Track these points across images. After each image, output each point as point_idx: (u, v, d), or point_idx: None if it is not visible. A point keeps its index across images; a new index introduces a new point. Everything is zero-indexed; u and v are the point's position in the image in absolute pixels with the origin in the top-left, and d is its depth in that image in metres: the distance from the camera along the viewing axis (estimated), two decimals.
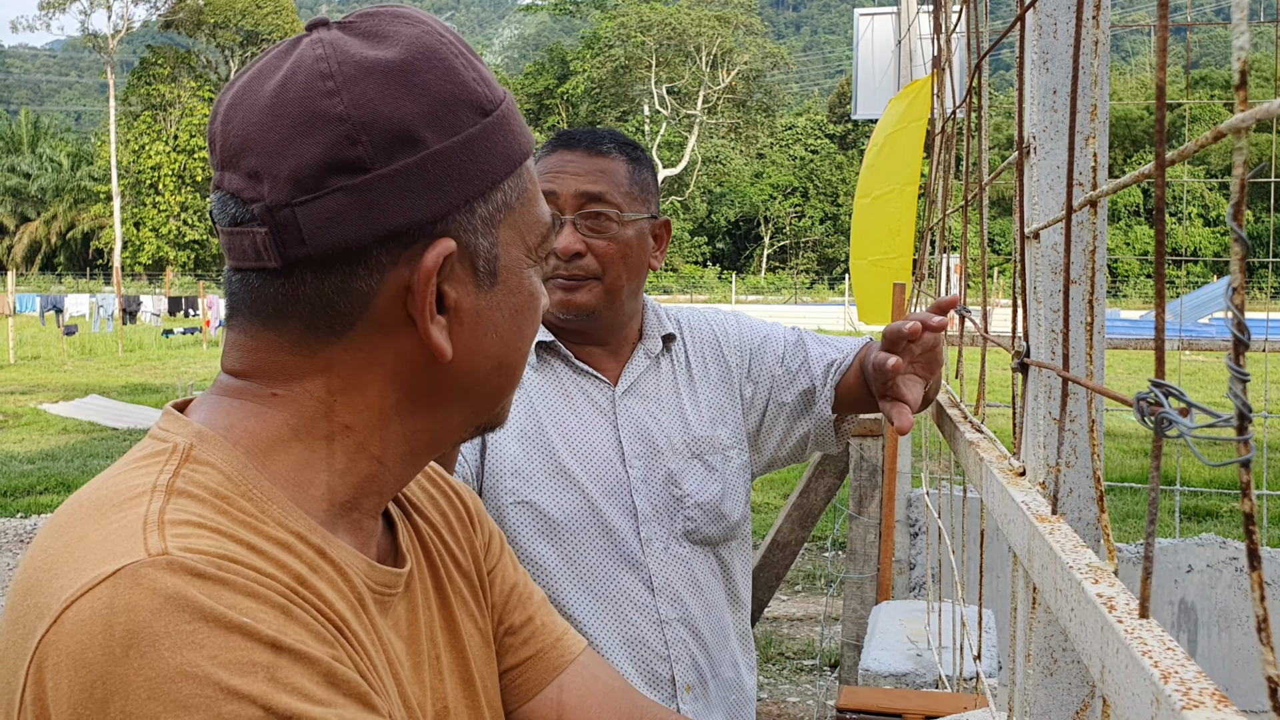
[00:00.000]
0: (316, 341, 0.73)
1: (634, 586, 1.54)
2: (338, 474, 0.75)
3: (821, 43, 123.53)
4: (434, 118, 0.72)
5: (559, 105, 55.97)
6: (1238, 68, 0.42)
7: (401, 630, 0.81)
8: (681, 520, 1.59)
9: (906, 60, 4.83)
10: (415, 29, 0.74)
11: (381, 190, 0.70)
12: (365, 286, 0.72)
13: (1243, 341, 0.43)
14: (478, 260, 0.75)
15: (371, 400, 0.75)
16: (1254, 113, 0.41)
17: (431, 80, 0.72)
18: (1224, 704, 0.49)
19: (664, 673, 1.54)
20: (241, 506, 0.69)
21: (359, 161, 0.70)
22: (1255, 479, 7.12)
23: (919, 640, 2.79)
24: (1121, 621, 0.60)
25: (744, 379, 1.71)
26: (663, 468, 1.59)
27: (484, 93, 0.75)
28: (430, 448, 0.81)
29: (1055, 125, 1.00)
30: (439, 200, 0.72)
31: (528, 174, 0.79)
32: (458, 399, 0.79)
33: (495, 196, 0.75)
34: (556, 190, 1.53)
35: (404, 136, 0.71)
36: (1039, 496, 0.94)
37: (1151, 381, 0.51)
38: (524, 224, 0.78)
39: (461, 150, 0.73)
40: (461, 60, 0.75)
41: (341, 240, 0.70)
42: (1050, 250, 0.99)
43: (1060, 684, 1.03)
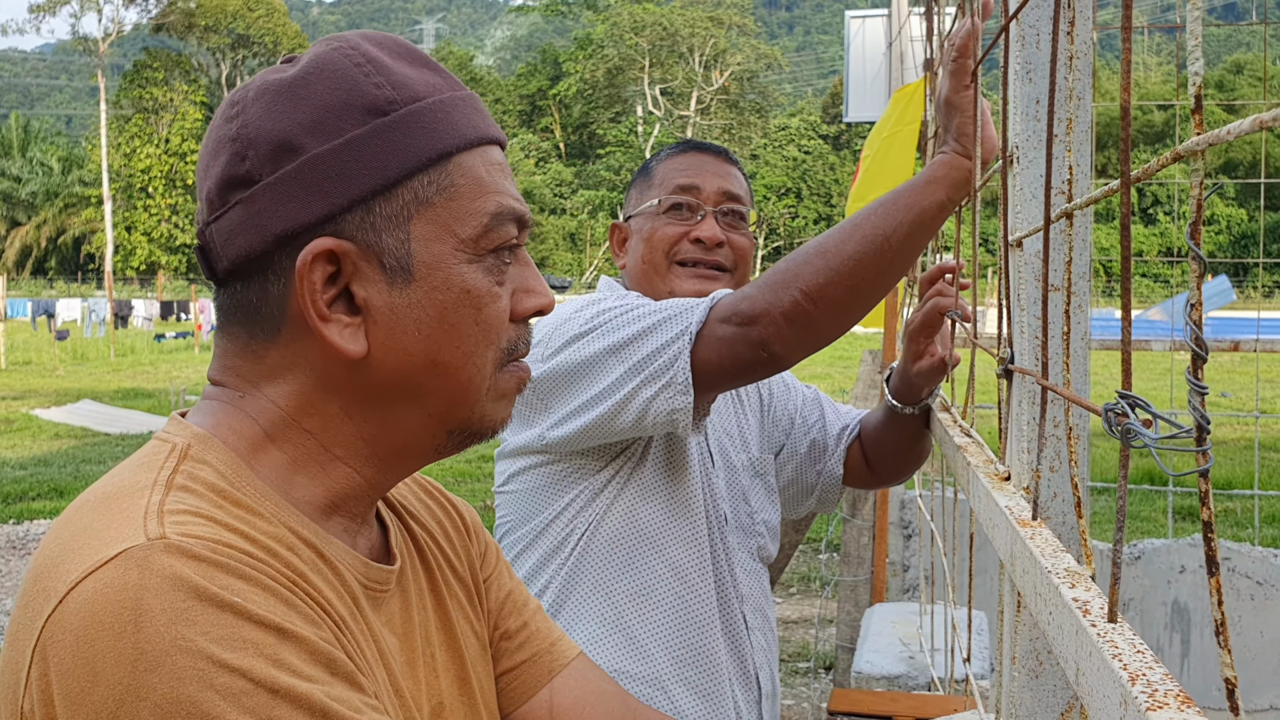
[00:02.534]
0: (260, 346, 0.78)
1: (726, 596, 1.53)
2: (311, 478, 0.79)
3: (814, 43, 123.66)
4: (315, 125, 0.75)
5: (551, 106, 55.99)
6: (1192, 92, 0.44)
7: (395, 627, 0.83)
8: (755, 536, 1.61)
9: (898, 63, 4.85)
10: (327, 47, 0.79)
11: (266, 199, 0.75)
12: (277, 291, 0.76)
13: (1200, 356, 0.44)
14: (385, 258, 0.76)
15: (318, 404, 0.79)
16: (1207, 137, 0.42)
17: (319, 90, 0.76)
18: (1187, 704, 0.50)
19: (752, 673, 1.55)
20: (238, 500, 0.72)
21: (248, 175, 0.75)
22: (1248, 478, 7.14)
23: (912, 643, 2.81)
24: (1094, 625, 0.62)
25: (768, 416, 1.73)
26: (738, 483, 1.61)
27: (384, 94, 0.77)
28: (399, 453, 0.82)
29: (1038, 135, 1.02)
30: (321, 202, 0.74)
31: (460, 168, 0.79)
32: (402, 400, 0.80)
33: (401, 193, 0.76)
34: (699, 184, 1.58)
35: (284, 146, 0.75)
36: (1022, 501, 0.95)
37: (1118, 393, 0.53)
38: (452, 218, 0.78)
39: (343, 152, 0.75)
40: (365, 68, 0.77)
41: (244, 250, 0.75)
42: (1033, 258, 1.01)
43: (1045, 686, 1.05)
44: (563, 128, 55.33)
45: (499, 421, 0.85)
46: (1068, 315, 0.77)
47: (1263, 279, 12.62)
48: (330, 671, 0.66)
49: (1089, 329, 0.99)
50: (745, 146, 52.95)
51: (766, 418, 1.72)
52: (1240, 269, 31.01)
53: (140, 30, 53.59)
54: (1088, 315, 0.97)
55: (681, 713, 1.47)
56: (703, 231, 1.55)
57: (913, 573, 4.38)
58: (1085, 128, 0.93)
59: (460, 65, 61.35)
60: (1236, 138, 0.41)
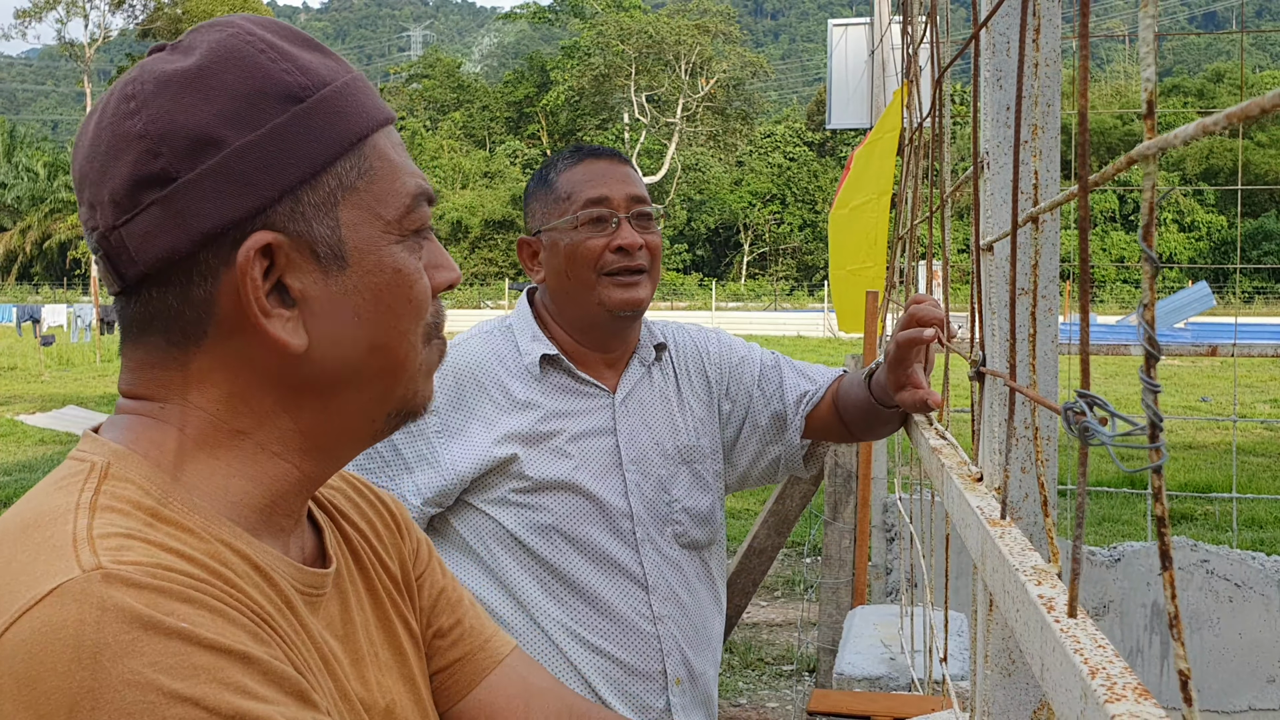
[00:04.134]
0: (181, 353, 0.75)
1: (628, 584, 1.62)
2: (248, 479, 0.77)
3: (800, 51, 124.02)
4: (234, 116, 0.72)
5: (539, 114, 55.97)
6: (1145, 98, 0.45)
7: (336, 629, 0.83)
8: (672, 524, 1.67)
9: (880, 71, 4.88)
10: (220, 34, 0.76)
11: (190, 196, 0.71)
12: (203, 293, 0.73)
13: (1153, 355, 0.46)
14: (317, 247, 0.75)
15: (252, 402, 0.77)
16: (1157, 142, 0.44)
17: (230, 80, 0.73)
18: (1144, 697, 0.51)
19: (656, 666, 1.62)
20: (166, 517, 0.70)
21: (164, 173, 0.71)
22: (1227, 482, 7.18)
23: (893, 644, 2.82)
24: (1058, 621, 0.63)
25: (722, 395, 1.78)
26: (655, 473, 1.67)
27: (296, 80, 0.75)
28: (338, 442, 0.82)
29: (1009, 141, 1.03)
30: (251, 195, 0.72)
31: (375, 150, 0.79)
32: (343, 388, 0.79)
33: (326, 180, 0.75)
34: (609, 195, 1.63)
35: (203, 140, 0.72)
36: (994, 501, 0.96)
37: (1077, 392, 0.54)
38: (376, 201, 0.78)
39: (268, 142, 0.73)
40: (270, 54, 0.75)
41: (165, 252, 0.72)
42: (1003, 262, 1.02)
43: (1018, 684, 1.06)
44: (550, 135, 55.31)
45: (426, 398, 0.85)
46: (1034, 318, 0.78)
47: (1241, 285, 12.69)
48: (284, 691, 0.65)
49: (1058, 332, 1.00)
50: (731, 153, 53.04)
51: (715, 400, 1.77)
52: (1220, 275, 31.21)
53: (127, 36, 53.35)
54: (1056, 318, 0.98)
55: None
56: (623, 240, 1.61)
57: (895, 575, 4.40)
58: (1053, 134, 0.94)
59: (448, 73, 61.34)
60: (1184, 142, 0.43)
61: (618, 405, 1.68)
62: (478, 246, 48.47)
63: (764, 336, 27.67)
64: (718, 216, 51.54)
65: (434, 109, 60.07)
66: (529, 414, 1.62)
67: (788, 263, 51.29)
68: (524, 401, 1.63)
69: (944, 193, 1.39)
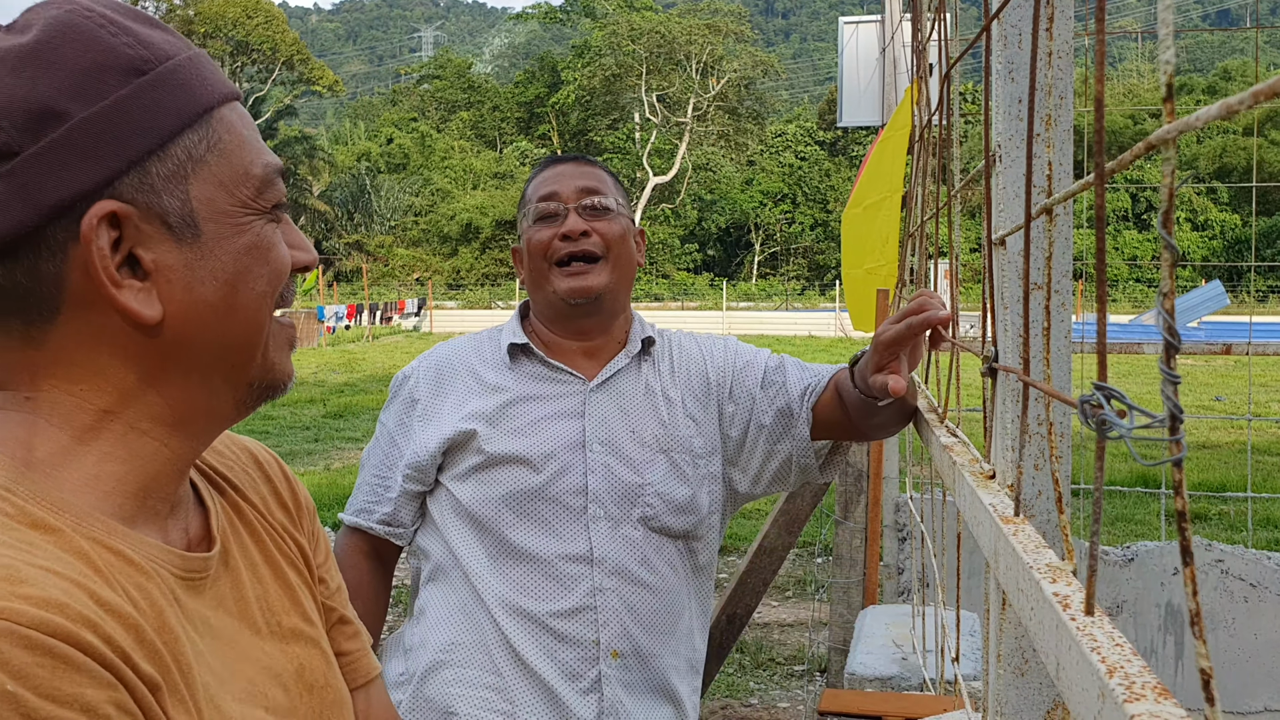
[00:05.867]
0: (37, 333, 0.74)
1: (570, 557, 1.66)
2: (119, 462, 0.76)
3: (810, 50, 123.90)
4: (75, 88, 0.72)
5: (550, 113, 56.01)
6: (1164, 81, 0.44)
7: (229, 607, 0.83)
8: (641, 506, 1.70)
9: (890, 68, 4.86)
10: (57, 10, 0.75)
11: (33, 169, 0.71)
12: (52, 269, 0.72)
13: (1173, 345, 0.44)
14: (169, 218, 0.75)
15: (114, 380, 0.76)
16: (1177, 125, 0.42)
17: (69, 54, 0.73)
18: (1164, 697, 0.50)
19: (588, 635, 1.65)
20: (39, 520, 0.69)
21: (5, 148, 0.71)
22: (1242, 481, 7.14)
23: (905, 644, 2.81)
24: (1074, 619, 0.62)
25: (725, 397, 1.81)
26: (625, 455, 1.71)
27: (138, 54, 0.75)
28: (204, 416, 0.82)
29: (1021, 134, 1.02)
30: (97, 166, 0.72)
31: (222, 124, 0.79)
32: (204, 358, 0.79)
33: (174, 152, 0.76)
34: (558, 190, 1.73)
35: (45, 113, 0.71)
36: (1006, 499, 0.95)
37: (1094, 384, 0.53)
38: (226, 175, 0.79)
39: (112, 114, 0.73)
40: (110, 29, 0.75)
41: (11, 228, 0.71)
42: (1015, 256, 1.01)
43: (1031, 684, 1.05)
44: (560, 135, 55.35)
45: (287, 373, 0.87)
46: (1048, 311, 0.77)
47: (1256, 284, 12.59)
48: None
49: (1071, 327, 0.99)
50: (742, 153, 52.99)
51: (715, 402, 1.80)
52: (1234, 274, 31.07)
53: None
54: (1069, 313, 0.97)
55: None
56: (565, 227, 1.71)
57: (907, 575, 4.38)
58: (1066, 125, 0.93)
59: (458, 73, 61.44)
60: (1205, 123, 0.42)
61: (590, 391, 1.74)
62: (489, 247, 48.50)
63: (775, 336, 27.64)
64: (729, 216, 51.48)
65: (444, 109, 60.17)
66: (496, 396, 1.73)
67: (799, 262, 51.21)
68: (494, 385, 1.74)
69: (953, 189, 1.37)
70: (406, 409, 1.79)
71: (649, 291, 44.68)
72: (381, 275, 46.94)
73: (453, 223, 48.69)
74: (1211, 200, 43.10)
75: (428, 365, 1.81)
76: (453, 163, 53.03)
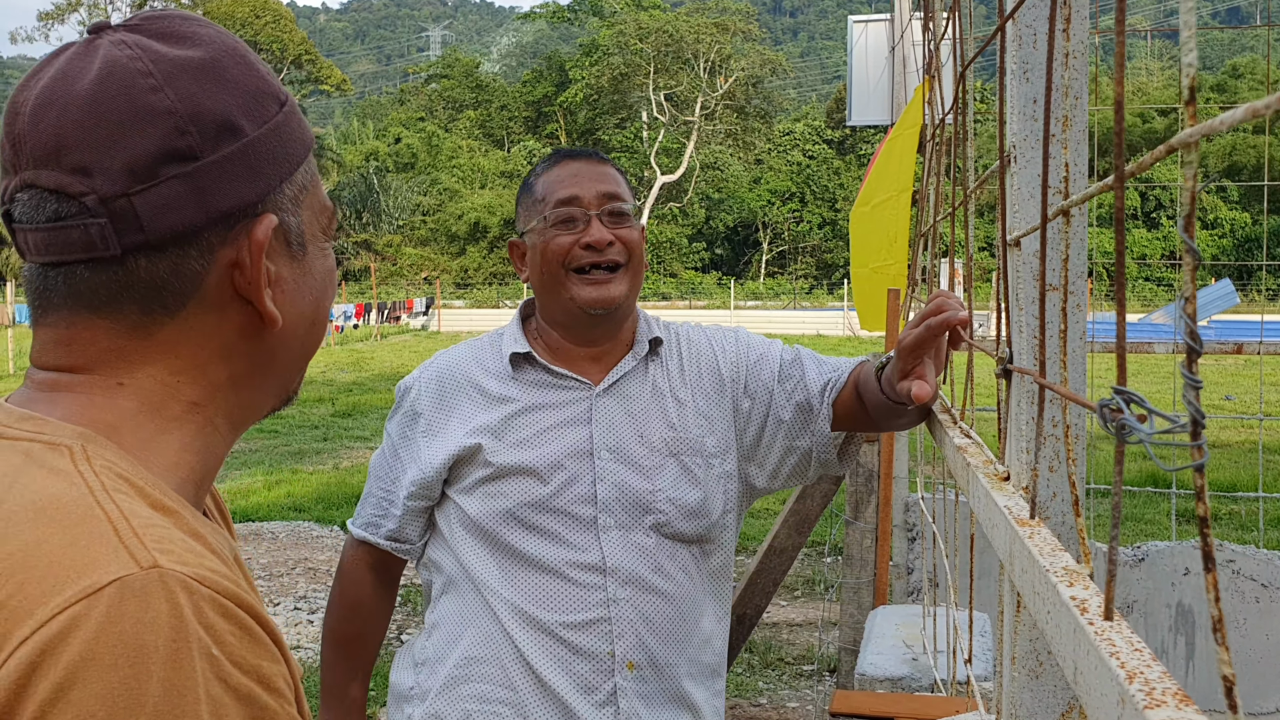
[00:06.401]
0: (153, 324, 0.78)
1: (583, 567, 1.63)
2: (194, 453, 0.81)
3: (819, 48, 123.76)
4: (248, 108, 0.79)
5: (557, 112, 56.00)
6: (1186, 84, 0.43)
7: None
8: (653, 513, 1.67)
9: (900, 67, 4.85)
10: (210, 30, 0.81)
11: (211, 176, 0.77)
12: (197, 267, 0.78)
13: (1195, 350, 0.44)
14: (290, 234, 0.83)
15: (210, 376, 0.81)
16: (1200, 128, 0.42)
17: (239, 75, 0.80)
18: (1185, 703, 0.50)
19: (602, 647, 1.62)
20: (159, 502, 0.73)
21: (189, 150, 0.76)
22: (1253, 481, 7.11)
23: (915, 645, 2.80)
24: (1093, 624, 0.62)
25: (740, 393, 1.77)
26: (635, 461, 1.68)
27: (278, 86, 0.83)
28: (250, 419, 0.88)
29: (1036, 134, 1.02)
30: (259, 182, 0.79)
31: (312, 161, 0.87)
32: (287, 364, 0.87)
33: (298, 178, 0.84)
34: (579, 194, 1.68)
35: (227, 126, 0.77)
36: (1021, 501, 0.95)
37: (1114, 389, 0.52)
38: (317, 204, 0.87)
39: (272, 136, 0.81)
40: (254, 57, 0.83)
41: (177, 225, 0.76)
42: (1031, 258, 1.01)
43: (1045, 686, 1.04)
44: (568, 134, 55.35)
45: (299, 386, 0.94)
46: (1065, 313, 0.77)
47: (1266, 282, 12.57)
48: (286, 700, 0.70)
49: (1086, 328, 0.98)
50: (750, 152, 52.90)
51: (729, 399, 1.76)
52: (1244, 272, 30.97)
53: None
54: (1085, 314, 0.96)
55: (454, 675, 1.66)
56: (591, 236, 1.66)
57: (917, 575, 4.37)
58: (1082, 126, 0.93)
59: (466, 72, 61.47)
60: (1230, 127, 0.41)
61: (596, 397, 1.70)
62: (496, 246, 48.52)
63: (783, 335, 27.53)
64: (736, 215, 51.44)
65: (452, 109, 60.19)
66: (502, 408, 1.70)
67: (807, 261, 51.16)
68: (499, 397, 1.71)
69: (967, 189, 1.37)
70: (409, 422, 1.76)
71: (656, 290, 44.68)
72: (389, 274, 46.98)
73: (460, 222, 48.73)
74: (1221, 198, 42.95)
75: (429, 377, 1.77)
76: (460, 162, 53.05)
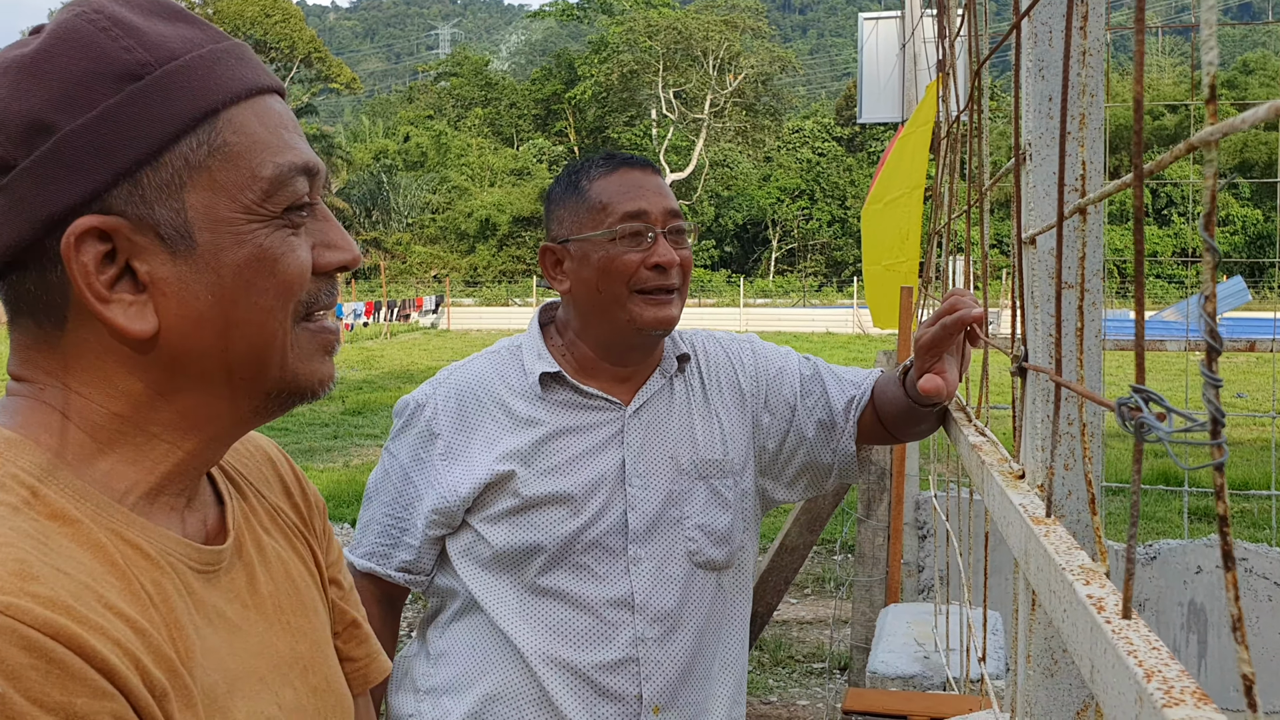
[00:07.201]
0: (48, 337, 0.75)
1: (613, 604, 1.57)
2: (132, 464, 0.77)
3: (828, 45, 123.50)
4: (65, 99, 0.71)
5: (566, 110, 56.00)
6: (1207, 83, 0.43)
7: (244, 598, 0.83)
8: (682, 541, 1.61)
9: (911, 64, 4.84)
10: (66, 14, 0.74)
11: (26, 183, 0.71)
12: (55, 279, 0.73)
13: (1215, 349, 0.44)
14: (161, 229, 0.74)
15: (123, 387, 0.76)
16: (1221, 127, 0.42)
17: (65, 62, 0.72)
18: (1204, 702, 0.50)
19: (630, 690, 1.56)
20: (54, 509, 0.70)
21: (2, 161, 0.71)
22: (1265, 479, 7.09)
23: (927, 643, 2.80)
24: (1110, 622, 0.62)
25: (760, 408, 1.72)
26: (664, 488, 1.61)
27: (136, 57, 0.73)
28: (219, 423, 0.81)
29: (1051, 132, 1.01)
30: (83, 180, 0.71)
31: (230, 125, 0.76)
32: (210, 370, 0.78)
33: (169, 160, 0.73)
34: (648, 209, 1.57)
35: (35, 125, 0.71)
36: (1036, 499, 0.95)
37: (1132, 387, 0.52)
38: (229, 181, 0.76)
39: (99, 125, 0.71)
40: (112, 32, 0.73)
41: (12, 240, 0.72)
42: (1046, 255, 1.01)
43: (1061, 685, 1.04)
44: (577, 132, 55.35)
45: (319, 379, 0.84)
46: (1081, 311, 0.77)
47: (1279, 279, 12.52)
48: None
49: (1102, 326, 0.98)
50: (759, 149, 52.86)
51: (750, 414, 1.71)
52: (1256, 269, 30.83)
53: None
54: (1101, 312, 0.96)
55: None
56: (660, 257, 1.56)
57: (927, 573, 4.37)
58: (1098, 124, 0.93)
59: (475, 70, 61.49)
60: (1251, 126, 0.41)
61: (628, 418, 1.62)
62: (506, 244, 48.56)
63: (792, 333, 27.58)
64: (746, 213, 51.36)
65: (461, 106, 60.22)
66: (531, 431, 1.59)
67: (816, 259, 51.06)
68: (526, 419, 1.60)
69: (982, 187, 1.37)
70: (424, 443, 1.63)
71: None
72: (399, 272, 47.05)
73: (470, 220, 48.75)
74: (1233, 195, 42.78)
75: (446, 394, 1.64)
76: (470, 160, 53.08)
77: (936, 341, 1.42)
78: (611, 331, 1.60)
